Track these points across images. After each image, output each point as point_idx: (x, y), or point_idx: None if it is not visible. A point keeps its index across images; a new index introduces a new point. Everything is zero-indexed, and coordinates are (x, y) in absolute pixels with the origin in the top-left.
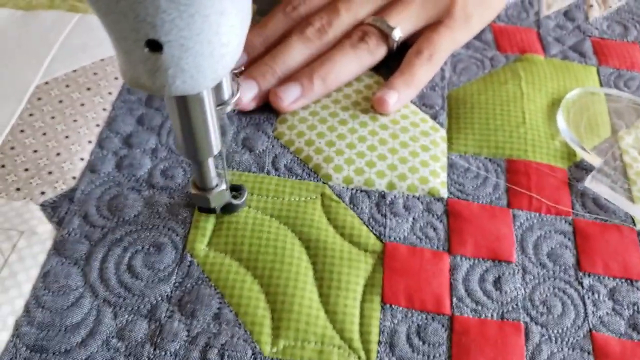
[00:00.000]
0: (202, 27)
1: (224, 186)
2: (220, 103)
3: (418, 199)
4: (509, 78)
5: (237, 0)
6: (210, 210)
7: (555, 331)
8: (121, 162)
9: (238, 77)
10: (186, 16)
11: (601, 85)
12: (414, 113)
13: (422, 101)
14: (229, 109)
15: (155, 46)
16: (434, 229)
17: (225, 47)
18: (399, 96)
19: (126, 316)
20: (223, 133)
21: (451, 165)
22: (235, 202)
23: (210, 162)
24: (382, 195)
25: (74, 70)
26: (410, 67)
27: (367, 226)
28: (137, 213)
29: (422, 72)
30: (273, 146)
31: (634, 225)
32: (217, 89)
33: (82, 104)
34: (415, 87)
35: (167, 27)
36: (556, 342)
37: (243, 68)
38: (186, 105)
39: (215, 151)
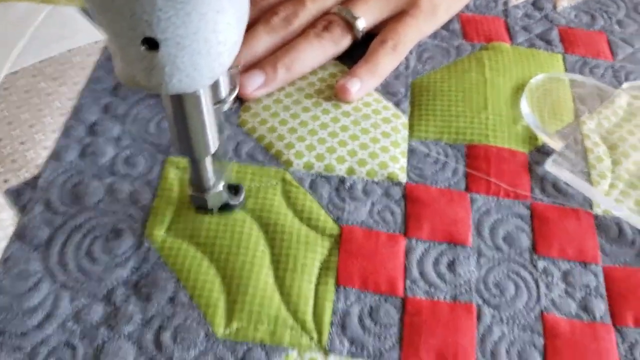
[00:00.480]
0: (199, 25)
1: (221, 187)
2: (217, 101)
3: (377, 183)
4: (473, 66)
5: None
6: (208, 211)
7: (507, 313)
8: (85, 150)
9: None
10: (183, 14)
11: (567, 72)
12: (376, 101)
13: (386, 89)
14: (226, 107)
15: (151, 44)
16: (392, 213)
17: (222, 45)
18: (362, 84)
19: (83, 300)
20: (220, 131)
21: (411, 151)
22: (232, 202)
23: (208, 161)
24: (342, 181)
25: (42, 61)
26: (374, 56)
27: (326, 210)
28: (98, 200)
29: (386, 61)
30: (236, 134)
31: (592, 209)
32: (214, 87)
33: (49, 94)
34: (379, 76)
35: (164, 25)
36: (507, 324)
37: (239, 66)
38: (183, 104)
39: (213, 150)
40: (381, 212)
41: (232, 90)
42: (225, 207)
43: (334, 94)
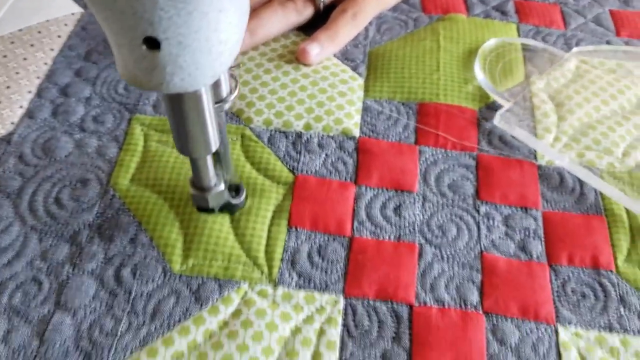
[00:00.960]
0: (200, 24)
1: (222, 186)
2: (218, 100)
3: (332, 138)
4: (428, 35)
5: None
6: (208, 210)
7: (448, 252)
8: (57, 109)
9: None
10: (184, 13)
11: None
12: (335, 65)
13: (345, 56)
14: (227, 106)
15: (153, 44)
16: (344, 164)
17: (223, 45)
18: (321, 49)
19: (50, 241)
20: (220, 131)
21: (365, 109)
22: (233, 201)
23: (209, 160)
24: (299, 135)
25: (20, 30)
26: (335, 24)
27: (282, 162)
28: (67, 153)
29: (346, 29)
30: None
31: (536, 160)
32: (215, 86)
33: (25, 59)
34: (338, 42)
35: (165, 25)
36: (447, 261)
37: (240, 65)
38: (184, 103)
39: (214, 148)
40: (334, 163)
41: (232, 89)
42: (227, 207)
43: (295, 57)
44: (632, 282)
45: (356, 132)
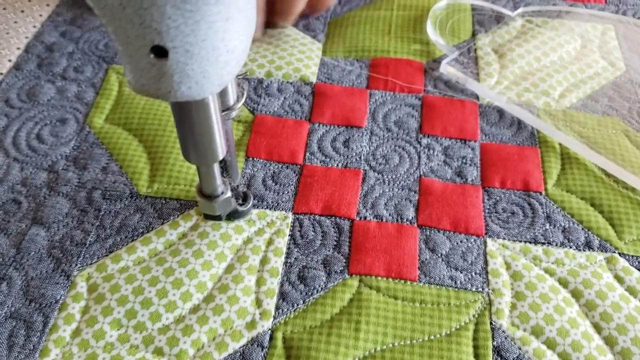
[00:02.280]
0: (207, 33)
1: (229, 193)
2: (225, 108)
3: (290, 83)
4: (383, 5)
5: (242, 7)
6: (216, 217)
7: (389, 177)
8: (42, 62)
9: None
10: (192, 22)
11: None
12: (296, 34)
13: (306, 27)
14: (234, 114)
15: (160, 52)
16: (300, 105)
17: (230, 53)
18: None
19: (30, 170)
20: (227, 138)
21: (323, 64)
22: (240, 208)
23: (216, 168)
24: (260, 81)
25: None
26: None
27: (244, 104)
28: (49, 98)
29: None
30: None
31: (478, 100)
32: (222, 94)
33: (15, 22)
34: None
35: (173, 34)
36: (388, 184)
37: (247, 73)
38: (191, 111)
39: (221, 156)
40: (291, 105)
41: (239, 97)
42: (234, 214)
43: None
44: (559, 203)
45: (313, 79)
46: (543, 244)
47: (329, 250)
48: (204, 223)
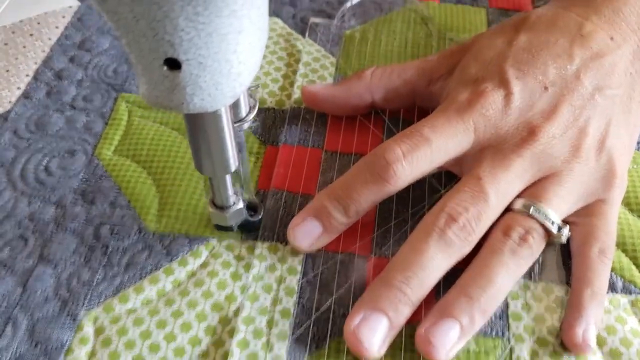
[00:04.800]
0: (220, 45)
1: (241, 204)
2: (237, 120)
3: (303, 110)
4: (400, 18)
5: (255, 19)
6: (227, 228)
7: (404, 216)
8: (51, 90)
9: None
10: (204, 35)
11: (489, 24)
12: (309, 44)
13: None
14: (246, 125)
15: (173, 64)
16: (313, 133)
17: (243, 65)
18: (595, 326)
19: (38, 204)
20: (240, 150)
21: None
22: (251, 219)
23: (228, 179)
24: (273, 110)
25: (21, 21)
26: (595, 274)
27: (254, 134)
28: (58, 129)
29: (605, 276)
30: None
31: None
32: (235, 106)
33: (24, 47)
34: (603, 301)
35: (186, 46)
36: (399, 224)
37: (259, 85)
38: (204, 123)
39: (233, 168)
40: (303, 133)
41: (252, 108)
42: (245, 225)
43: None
44: None
45: None
46: (567, 283)
47: (343, 290)
48: (214, 260)
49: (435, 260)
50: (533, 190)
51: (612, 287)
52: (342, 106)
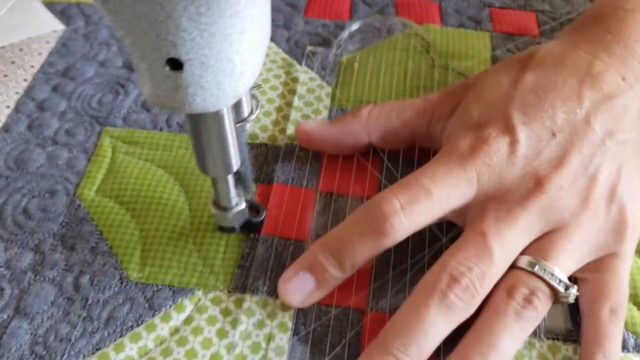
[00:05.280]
0: (222, 45)
1: (243, 205)
2: (239, 120)
3: (297, 146)
4: (399, 44)
5: (257, 19)
6: (230, 229)
7: (405, 266)
8: (32, 123)
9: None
10: (207, 35)
11: (493, 49)
12: (305, 72)
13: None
14: (248, 126)
15: (176, 65)
16: (307, 172)
17: (245, 65)
18: None
19: (15, 249)
20: (242, 150)
21: (332, 118)
22: (254, 220)
23: (230, 179)
24: (265, 146)
25: (3, 47)
26: (605, 333)
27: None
28: (39, 165)
29: (618, 337)
30: None
31: None
32: (237, 106)
33: (6, 75)
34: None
35: (188, 46)
36: (400, 277)
37: (262, 85)
38: (206, 123)
39: (235, 168)
40: (297, 172)
41: (254, 109)
42: (247, 225)
43: None
44: None
45: None
46: (574, 341)
47: (340, 348)
48: (199, 315)
49: (436, 327)
50: (539, 245)
51: (623, 345)
52: (336, 146)
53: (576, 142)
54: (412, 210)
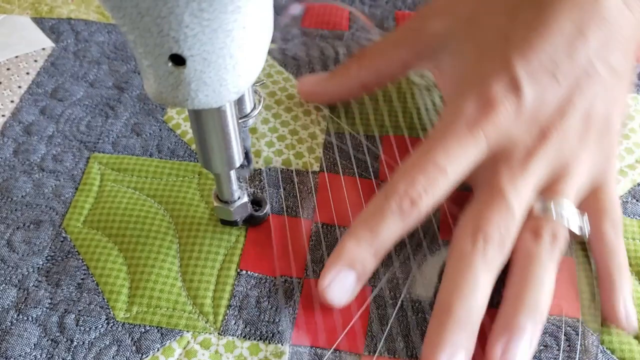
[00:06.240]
0: (224, 41)
1: (245, 199)
2: (242, 116)
3: (292, 172)
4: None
5: (259, 15)
6: (232, 223)
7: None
8: (19, 148)
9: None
10: (209, 31)
11: None
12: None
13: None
14: (250, 121)
15: (178, 60)
16: (300, 200)
17: (247, 61)
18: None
19: None
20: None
21: (328, 145)
22: (256, 214)
23: (232, 174)
24: (259, 172)
25: None
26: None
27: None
28: (24, 194)
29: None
30: (161, 130)
31: None
32: (239, 101)
33: None
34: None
35: (190, 42)
36: (397, 309)
37: (264, 81)
38: (208, 119)
39: (238, 164)
40: (290, 200)
41: (256, 105)
42: (250, 219)
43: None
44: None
45: (316, 167)
46: None
47: None
48: None
49: (484, 282)
50: (548, 189)
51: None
52: (337, 97)
53: (577, 88)
54: (433, 192)
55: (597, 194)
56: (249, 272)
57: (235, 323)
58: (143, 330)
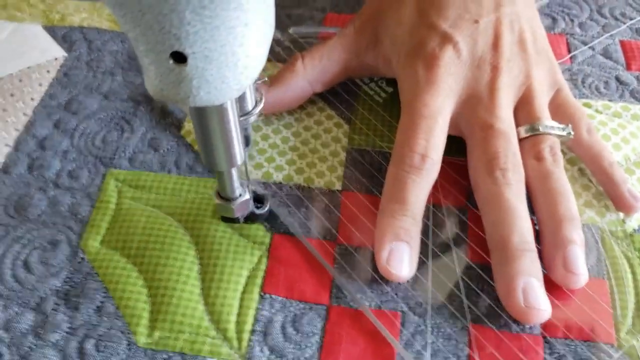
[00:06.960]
0: (226, 38)
1: (247, 196)
2: (243, 113)
3: (313, 190)
4: None
5: (261, 12)
6: (233, 220)
7: (434, 321)
8: (33, 164)
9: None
10: (210, 28)
11: None
12: (320, 110)
13: (334, 100)
14: (252, 119)
15: (180, 58)
16: (325, 220)
17: (249, 58)
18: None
19: (15, 309)
20: (247, 143)
21: (350, 161)
22: (257, 211)
23: (234, 172)
24: (280, 187)
25: (1, 78)
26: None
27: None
28: (40, 212)
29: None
30: (178, 145)
31: None
32: (241, 99)
33: (4, 110)
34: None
35: (192, 39)
36: (432, 332)
37: (266, 78)
38: (210, 116)
39: (239, 161)
40: (314, 221)
41: (258, 102)
42: (251, 217)
43: None
44: (635, 358)
45: (339, 186)
46: None
47: None
48: None
49: (517, 202)
50: (523, 114)
51: None
52: (286, 105)
53: (497, 20)
54: (433, 139)
55: (558, 99)
56: (272, 296)
57: (261, 350)
58: (166, 356)
